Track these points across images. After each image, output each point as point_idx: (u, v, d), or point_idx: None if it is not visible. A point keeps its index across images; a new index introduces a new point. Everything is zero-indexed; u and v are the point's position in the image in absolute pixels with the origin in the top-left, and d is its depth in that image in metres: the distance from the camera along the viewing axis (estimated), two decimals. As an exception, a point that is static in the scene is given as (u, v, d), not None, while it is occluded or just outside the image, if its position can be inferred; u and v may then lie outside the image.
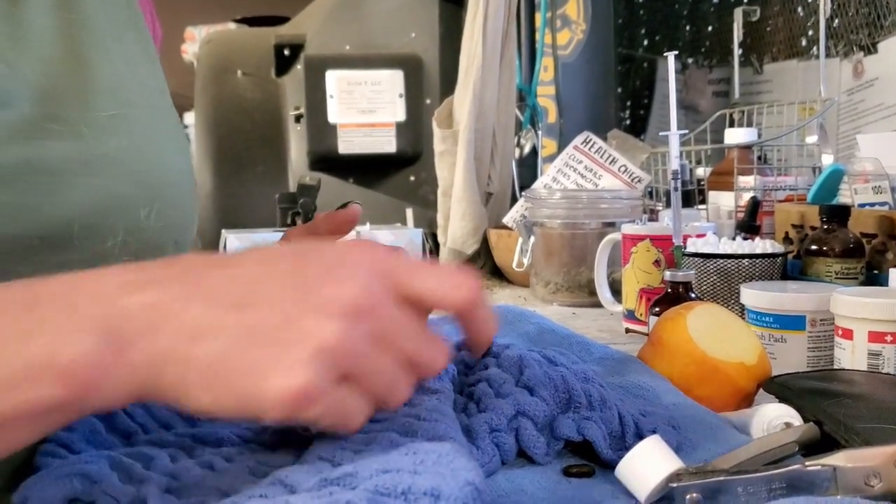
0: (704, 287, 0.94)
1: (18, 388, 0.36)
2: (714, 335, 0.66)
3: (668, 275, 0.86)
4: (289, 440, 0.52)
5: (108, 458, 0.46)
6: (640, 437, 0.52)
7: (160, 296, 0.39)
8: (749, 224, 1.12)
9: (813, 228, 1.04)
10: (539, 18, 1.83)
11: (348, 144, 1.88)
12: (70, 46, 0.57)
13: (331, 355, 0.38)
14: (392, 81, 1.87)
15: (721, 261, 0.93)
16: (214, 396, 0.38)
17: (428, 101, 1.87)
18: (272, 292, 0.39)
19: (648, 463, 0.46)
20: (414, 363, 0.42)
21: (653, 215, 1.35)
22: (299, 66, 1.91)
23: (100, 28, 0.60)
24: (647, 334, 0.80)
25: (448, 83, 1.76)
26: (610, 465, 0.50)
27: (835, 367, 0.74)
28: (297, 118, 1.93)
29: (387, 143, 1.88)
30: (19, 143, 0.51)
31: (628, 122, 2.29)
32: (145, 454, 0.48)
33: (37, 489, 0.42)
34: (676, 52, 0.95)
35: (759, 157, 1.38)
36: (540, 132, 1.81)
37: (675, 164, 0.90)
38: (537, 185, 1.48)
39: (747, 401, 0.65)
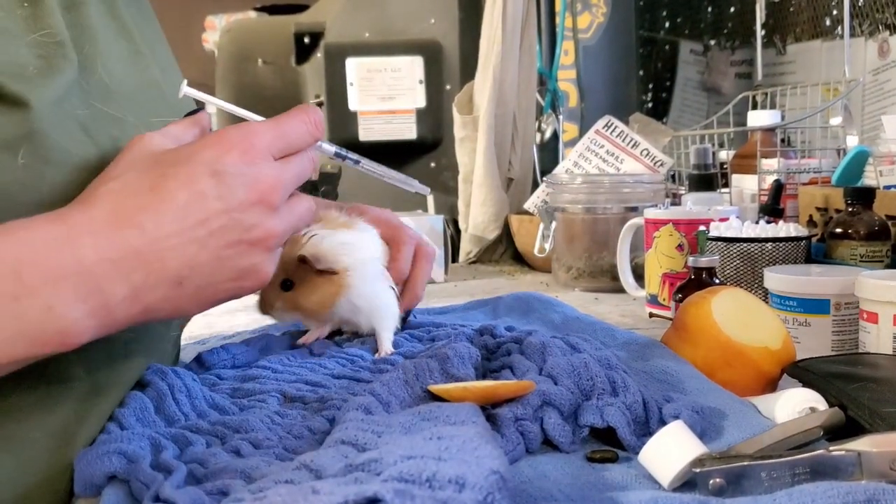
0: (728, 271, 0.93)
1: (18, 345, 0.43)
2: (738, 320, 0.65)
3: (691, 260, 0.85)
4: (314, 428, 0.53)
5: (150, 439, 0.49)
6: (663, 422, 0.52)
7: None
8: (773, 207, 1.11)
9: (837, 211, 1.03)
10: (559, 2, 1.81)
11: (369, 131, 1.88)
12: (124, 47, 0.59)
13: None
14: (412, 68, 1.87)
15: (744, 245, 0.92)
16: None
17: (448, 87, 1.87)
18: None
19: (672, 448, 0.46)
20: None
21: (675, 199, 1.35)
22: (319, 54, 1.91)
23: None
24: (670, 319, 0.80)
25: (468, 69, 1.75)
26: (634, 451, 0.50)
27: (860, 350, 0.73)
28: (318, 106, 1.94)
29: (407, 130, 1.88)
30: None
31: (650, 105, 2.27)
32: (185, 437, 0.51)
33: (82, 464, 0.46)
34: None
35: (783, 140, 1.36)
36: (561, 116, 1.80)
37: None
38: (558, 170, 1.47)
39: (771, 385, 0.65)
